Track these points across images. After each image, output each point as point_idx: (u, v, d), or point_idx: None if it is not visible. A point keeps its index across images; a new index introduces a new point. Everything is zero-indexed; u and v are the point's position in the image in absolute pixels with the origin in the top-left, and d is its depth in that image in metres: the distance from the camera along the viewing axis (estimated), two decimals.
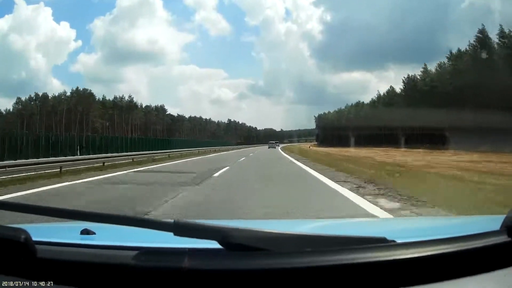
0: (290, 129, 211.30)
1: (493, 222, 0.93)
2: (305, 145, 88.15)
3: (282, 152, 36.91)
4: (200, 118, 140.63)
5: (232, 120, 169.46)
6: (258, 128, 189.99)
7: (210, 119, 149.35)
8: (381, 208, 5.76)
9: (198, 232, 0.80)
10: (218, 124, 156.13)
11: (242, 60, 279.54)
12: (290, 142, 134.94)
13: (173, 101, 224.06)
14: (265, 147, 67.06)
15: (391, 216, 5.08)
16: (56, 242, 0.93)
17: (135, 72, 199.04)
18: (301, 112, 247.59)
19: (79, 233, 1.13)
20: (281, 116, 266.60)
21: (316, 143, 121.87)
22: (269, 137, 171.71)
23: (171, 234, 0.78)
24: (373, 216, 5.10)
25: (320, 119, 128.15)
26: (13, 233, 0.79)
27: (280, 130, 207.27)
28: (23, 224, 1.30)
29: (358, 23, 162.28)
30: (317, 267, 0.74)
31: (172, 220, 0.79)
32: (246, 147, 71.80)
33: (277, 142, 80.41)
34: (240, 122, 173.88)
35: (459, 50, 58.14)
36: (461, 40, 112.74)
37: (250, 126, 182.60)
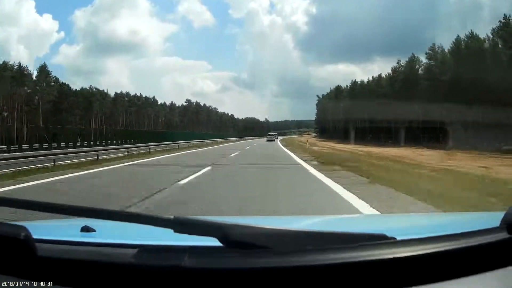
0: (275, 120, 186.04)
1: (492, 218, 0.92)
2: (302, 138, 74.32)
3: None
4: (133, 95, 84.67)
5: (193, 101, 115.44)
6: (236, 117, 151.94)
7: (154, 97, 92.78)
8: None
9: (198, 229, 0.79)
10: (172, 107, 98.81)
11: (226, 53, 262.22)
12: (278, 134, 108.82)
13: (156, 92, 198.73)
14: (243, 144, 46.99)
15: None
16: (56, 240, 0.92)
17: (117, 63, 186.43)
18: (285, 104, 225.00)
19: (79, 230, 1.11)
20: (266, 107, 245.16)
21: (315, 135, 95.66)
22: (252, 129, 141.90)
23: (171, 230, 0.78)
24: None
25: (333, 91, 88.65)
26: (14, 230, 0.78)
27: (264, 120, 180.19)
28: (22, 221, 1.20)
29: (345, 15, 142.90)
30: (318, 265, 0.74)
31: (172, 217, 0.79)
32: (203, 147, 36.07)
33: (276, 135, 73.30)
34: (206, 105, 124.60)
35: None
36: (448, 33, 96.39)
37: (223, 112, 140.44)
